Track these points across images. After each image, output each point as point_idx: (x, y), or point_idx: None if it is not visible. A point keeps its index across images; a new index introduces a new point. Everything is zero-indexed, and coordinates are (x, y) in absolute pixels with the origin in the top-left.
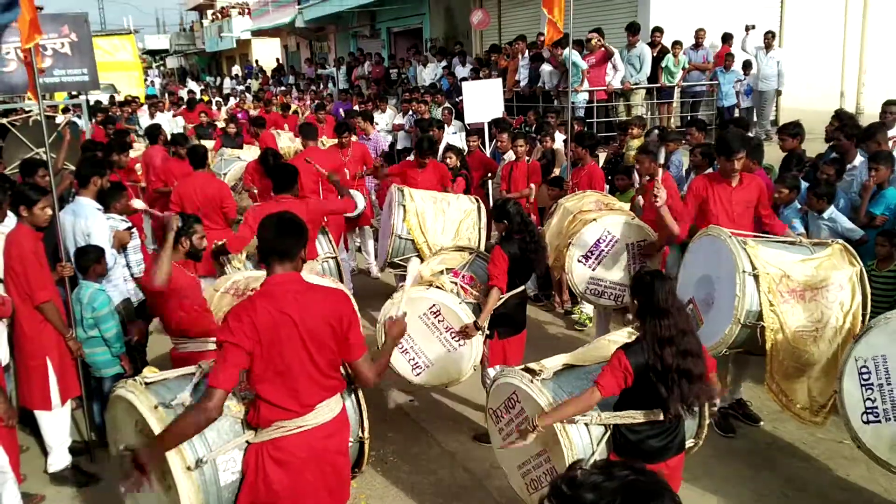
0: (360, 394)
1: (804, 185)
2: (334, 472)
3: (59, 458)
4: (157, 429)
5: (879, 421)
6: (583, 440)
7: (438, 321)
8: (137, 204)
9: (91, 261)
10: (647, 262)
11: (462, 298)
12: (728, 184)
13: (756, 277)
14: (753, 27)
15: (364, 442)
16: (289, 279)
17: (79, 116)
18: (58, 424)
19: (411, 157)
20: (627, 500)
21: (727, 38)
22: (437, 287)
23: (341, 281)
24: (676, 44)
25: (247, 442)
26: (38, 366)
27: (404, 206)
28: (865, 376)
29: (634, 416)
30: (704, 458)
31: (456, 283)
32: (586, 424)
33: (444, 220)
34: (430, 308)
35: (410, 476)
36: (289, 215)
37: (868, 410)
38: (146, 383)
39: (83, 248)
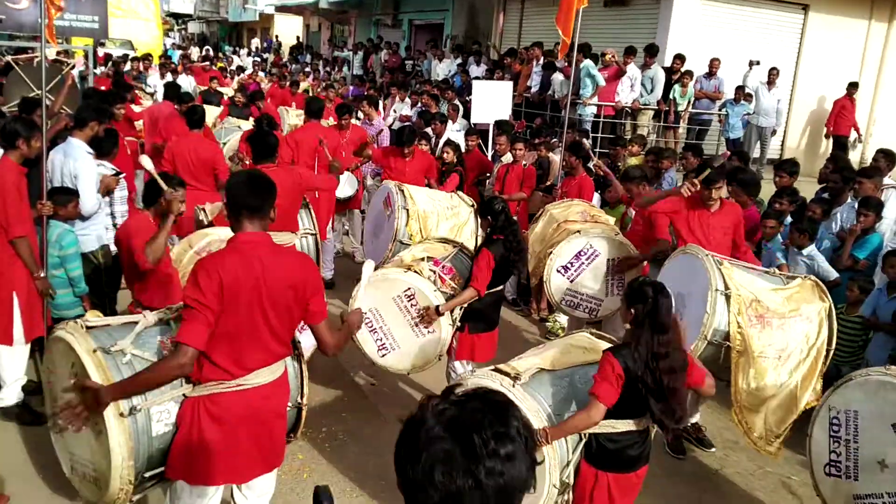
0: (303, 361)
1: (789, 220)
2: (269, 433)
3: (11, 394)
4: (93, 373)
5: (840, 476)
6: (561, 449)
7: (412, 305)
8: (146, 162)
9: (62, 202)
10: (623, 277)
11: (438, 287)
12: (707, 208)
13: (728, 297)
14: (758, 63)
15: (302, 408)
16: (257, 238)
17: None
18: (15, 360)
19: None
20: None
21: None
22: (416, 272)
23: (317, 259)
24: (687, 74)
25: (183, 395)
26: (3, 299)
27: (407, 210)
28: (835, 428)
29: (614, 426)
30: (651, 475)
31: (434, 272)
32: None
33: (444, 225)
34: (405, 291)
35: (358, 456)
36: (260, 173)
37: (832, 462)
38: (88, 327)
39: (58, 188)
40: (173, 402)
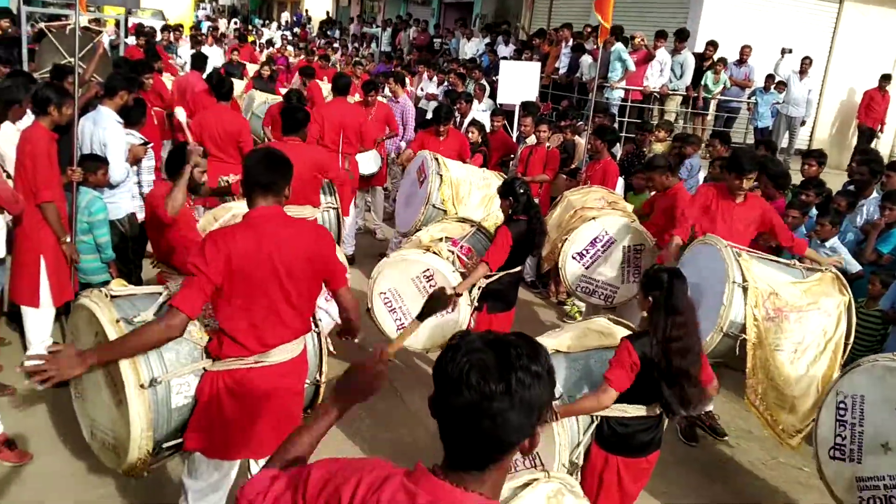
0: (323, 338)
1: (815, 212)
2: (286, 410)
3: (36, 354)
4: None
5: (844, 459)
6: (572, 430)
7: (430, 286)
8: (179, 113)
9: (92, 168)
10: (639, 265)
11: (457, 268)
12: (733, 199)
13: (745, 290)
14: (790, 51)
15: (320, 385)
16: (271, 212)
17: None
18: (41, 322)
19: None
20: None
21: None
22: (434, 253)
23: (338, 233)
24: (720, 61)
25: (203, 369)
26: (30, 262)
27: (441, 175)
28: (841, 412)
29: (625, 410)
30: (662, 462)
31: (453, 253)
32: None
33: (476, 194)
34: (424, 272)
35: (371, 430)
36: (276, 150)
37: (836, 446)
38: (112, 296)
39: (88, 155)
40: (193, 374)
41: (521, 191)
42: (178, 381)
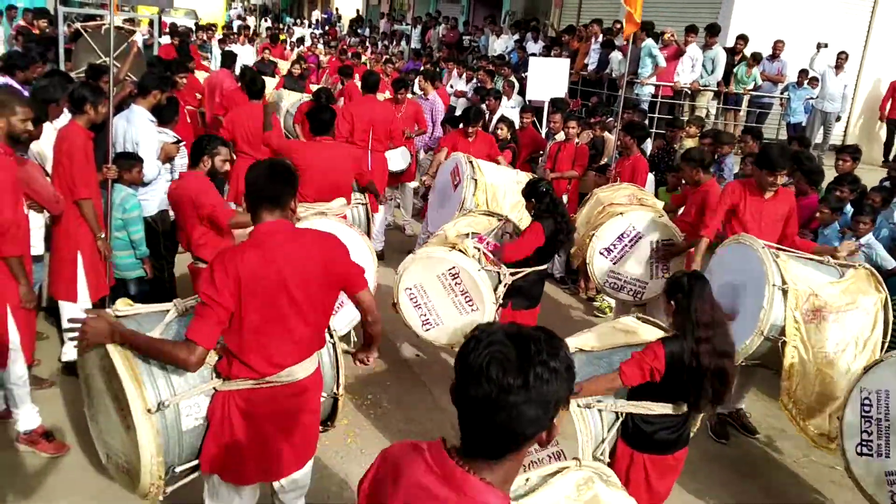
0: (339, 350)
1: (849, 208)
2: (301, 429)
3: (74, 349)
4: (119, 366)
5: (871, 455)
6: (595, 426)
7: (456, 283)
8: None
9: (126, 166)
10: (668, 263)
11: (482, 265)
12: (761, 195)
13: (784, 292)
14: (826, 45)
15: (338, 398)
16: (277, 228)
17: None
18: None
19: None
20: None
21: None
22: (460, 251)
23: (368, 229)
24: (754, 56)
25: (213, 389)
26: (69, 258)
27: (476, 180)
28: (867, 408)
29: (650, 408)
30: (692, 459)
31: (479, 250)
32: (600, 411)
33: (510, 198)
34: (450, 269)
35: (400, 424)
36: (280, 162)
37: (863, 442)
38: (117, 316)
39: (123, 153)
40: (203, 395)
41: (544, 190)
42: (186, 402)
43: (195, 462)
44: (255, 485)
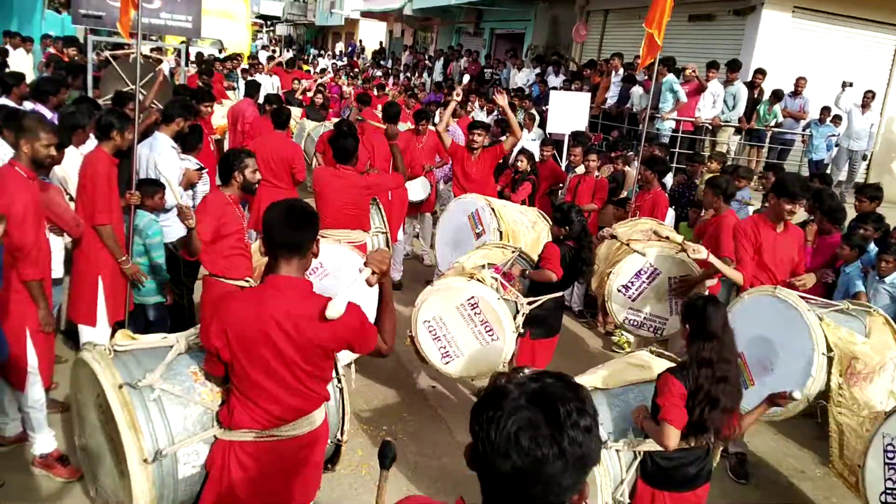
0: (346, 396)
1: (873, 247)
2: (302, 482)
3: None
4: (116, 411)
5: None
6: (614, 467)
7: (475, 314)
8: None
9: (149, 192)
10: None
11: (501, 294)
12: (774, 228)
13: (830, 360)
14: (851, 84)
15: (341, 444)
16: (291, 284)
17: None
18: (98, 341)
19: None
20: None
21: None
22: (478, 280)
23: None
24: (775, 94)
25: (214, 437)
26: (89, 282)
27: (501, 231)
28: (890, 455)
29: None
30: (712, 498)
31: (496, 280)
32: (617, 451)
33: (527, 237)
34: (469, 300)
35: (416, 458)
36: (300, 204)
37: (888, 490)
38: (116, 351)
39: (146, 179)
40: (203, 443)
41: (577, 219)
42: (185, 450)
43: None
44: None
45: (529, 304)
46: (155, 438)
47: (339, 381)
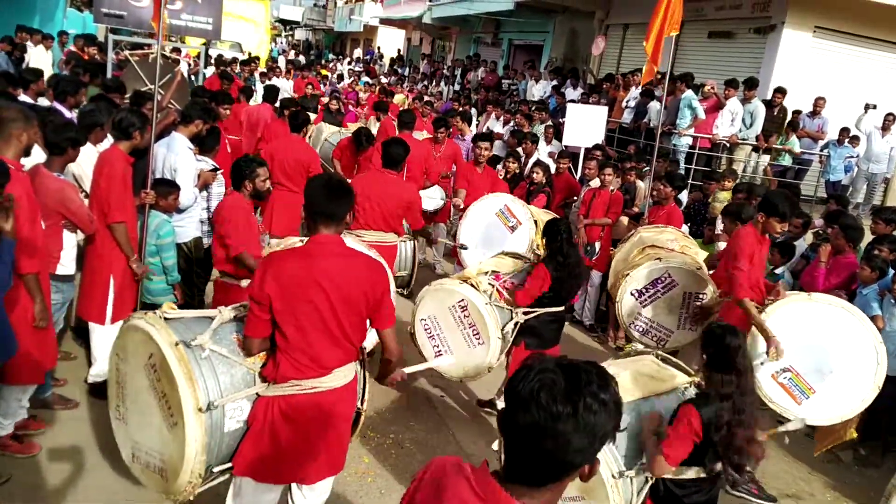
0: (367, 365)
1: (892, 271)
2: (337, 436)
3: (101, 370)
4: (174, 366)
5: None
6: (626, 492)
7: (465, 316)
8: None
9: (163, 192)
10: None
11: (493, 300)
12: (764, 238)
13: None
14: (875, 107)
15: (361, 413)
16: (331, 241)
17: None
18: (107, 339)
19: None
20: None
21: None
22: (472, 285)
23: (413, 263)
24: (792, 125)
25: (256, 394)
26: (101, 281)
27: (536, 221)
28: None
29: (683, 472)
30: None
31: (493, 286)
32: (630, 478)
33: None
34: (459, 302)
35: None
36: (336, 178)
37: None
38: (166, 318)
39: (161, 179)
40: (247, 399)
41: (559, 232)
42: (231, 405)
43: (229, 464)
44: (279, 491)
45: (525, 313)
46: (207, 391)
47: (361, 353)
